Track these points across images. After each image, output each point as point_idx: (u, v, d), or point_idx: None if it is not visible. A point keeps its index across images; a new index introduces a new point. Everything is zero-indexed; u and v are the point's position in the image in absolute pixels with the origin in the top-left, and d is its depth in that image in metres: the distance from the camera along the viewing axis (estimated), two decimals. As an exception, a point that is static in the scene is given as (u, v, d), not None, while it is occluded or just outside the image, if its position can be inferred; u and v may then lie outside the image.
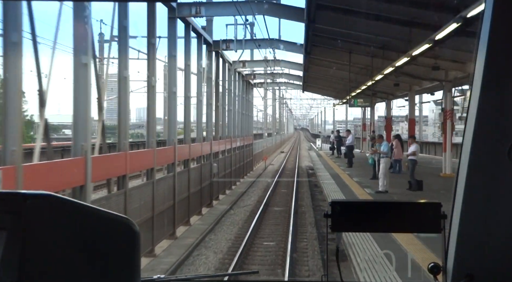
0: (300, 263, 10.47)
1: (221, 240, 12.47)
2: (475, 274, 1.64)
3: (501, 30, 1.53)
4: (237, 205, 17.91)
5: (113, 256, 1.12)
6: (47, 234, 1.09)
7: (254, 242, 12.16)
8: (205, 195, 16.89)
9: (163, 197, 12.05)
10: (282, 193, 20.88)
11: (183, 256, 10.67)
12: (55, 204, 1.11)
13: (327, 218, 1.67)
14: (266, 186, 22.67)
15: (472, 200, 1.65)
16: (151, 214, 10.93)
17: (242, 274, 4.30)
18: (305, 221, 14.69)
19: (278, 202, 18.49)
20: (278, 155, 49.61)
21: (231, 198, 19.51)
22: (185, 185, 14.26)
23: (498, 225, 1.63)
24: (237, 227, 14.08)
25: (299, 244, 11.96)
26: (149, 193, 11.06)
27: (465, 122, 1.66)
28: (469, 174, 1.63)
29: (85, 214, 1.13)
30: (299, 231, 13.25)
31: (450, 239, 1.71)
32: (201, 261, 10.59)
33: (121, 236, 1.13)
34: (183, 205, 13.82)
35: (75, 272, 1.09)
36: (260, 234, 13.11)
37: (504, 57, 1.54)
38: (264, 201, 17.72)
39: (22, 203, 1.10)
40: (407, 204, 1.76)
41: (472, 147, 1.62)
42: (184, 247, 11.55)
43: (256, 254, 11.24)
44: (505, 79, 1.56)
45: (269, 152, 44.66)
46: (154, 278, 1.86)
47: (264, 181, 25.19)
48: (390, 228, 1.83)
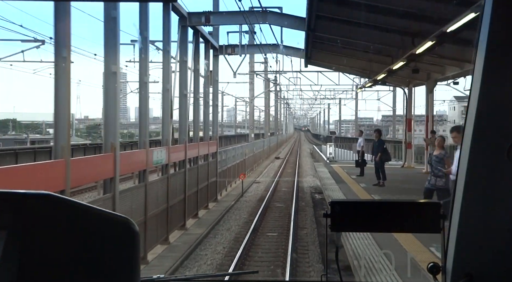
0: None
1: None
2: (475, 274, 1.64)
3: (500, 30, 1.53)
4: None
5: (112, 256, 1.12)
6: (47, 234, 1.09)
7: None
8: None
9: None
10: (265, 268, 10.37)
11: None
12: (55, 203, 1.12)
13: (326, 217, 1.68)
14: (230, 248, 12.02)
15: (472, 200, 1.65)
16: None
17: (242, 274, 4.30)
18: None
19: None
20: (272, 163, 37.85)
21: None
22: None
23: (498, 225, 1.63)
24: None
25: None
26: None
27: (465, 122, 1.66)
28: (469, 174, 1.63)
29: (85, 213, 1.13)
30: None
31: (449, 239, 1.71)
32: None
33: (120, 236, 1.13)
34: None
35: (74, 272, 1.09)
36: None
37: (504, 56, 1.54)
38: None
39: (22, 202, 1.10)
40: (406, 204, 1.76)
41: (472, 147, 1.62)
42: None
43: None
44: (505, 79, 1.56)
45: (257, 161, 33.14)
46: (153, 278, 1.87)
47: (228, 231, 13.81)
48: (390, 228, 1.83)
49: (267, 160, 39.53)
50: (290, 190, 21.72)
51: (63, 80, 7.69)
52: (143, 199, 10.64)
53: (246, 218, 15.64)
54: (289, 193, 20.94)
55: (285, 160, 40.61)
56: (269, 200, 19.10)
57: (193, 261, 11.12)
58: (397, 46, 15.56)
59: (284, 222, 14.93)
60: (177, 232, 13.20)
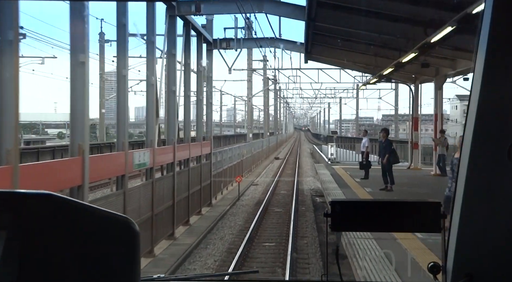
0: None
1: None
2: (475, 274, 1.64)
3: (501, 30, 1.53)
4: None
5: (113, 256, 1.12)
6: (47, 234, 1.10)
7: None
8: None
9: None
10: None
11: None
12: (55, 203, 1.12)
13: (327, 217, 1.68)
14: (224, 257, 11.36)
15: (472, 200, 1.65)
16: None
17: (242, 273, 4.30)
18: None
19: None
20: (271, 163, 36.73)
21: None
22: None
23: (498, 225, 1.63)
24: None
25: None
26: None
27: (465, 122, 1.66)
28: (469, 174, 1.63)
29: (85, 213, 1.13)
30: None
31: (450, 239, 1.71)
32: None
33: (121, 236, 1.13)
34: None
35: (74, 272, 1.09)
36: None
37: (504, 57, 1.54)
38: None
39: (22, 203, 1.10)
40: (407, 204, 1.76)
41: (472, 147, 1.62)
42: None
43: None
44: (505, 79, 1.56)
45: (256, 162, 32.37)
46: (154, 277, 1.87)
47: (221, 241, 12.83)
48: (390, 227, 1.83)
49: (266, 160, 38.03)
50: (289, 193, 20.45)
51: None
52: (122, 208, 9.34)
53: (242, 225, 14.57)
54: (289, 196, 19.75)
55: (284, 160, 38.84)
56: (267, 203, 17.86)
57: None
58: (407, 36, 14.21)
59: (283, 230, 13.81)
60: (165, 242, 12.03)
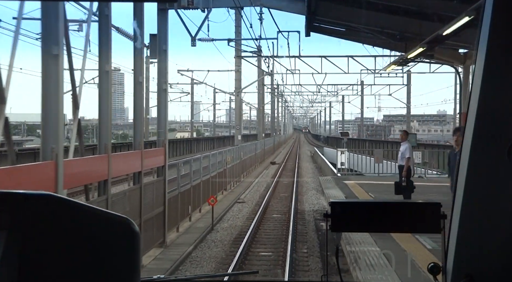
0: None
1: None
2: (475, 274, 1.64)
3: (501, 30, 1.53)
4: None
5: (112, 256, 1.12)
6: (46, 234, 1.10)
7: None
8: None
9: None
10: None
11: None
12: (55, 204, 1.12)
13: (326, 218, 1.68)
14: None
15: (472, 200, 1.65)
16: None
17: (242, 274, 4.30)
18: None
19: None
20: (266, 170, 31.22)
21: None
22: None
23: (498, 225, 1.63)
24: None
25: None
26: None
27: (465, 122, 1.66)
28: (469, 174, 1.63)
29: (85, 213, 1.13)
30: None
31: (450, 239, 1.71)
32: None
33: (120, 236, 1.13)
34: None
35: (74, 272, 1.09)
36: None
37: (505, 57, 1.54)
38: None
39: (22, 203, 1.10)
40: (406, 204, 1.76)
41: (472, 147, 1.62)
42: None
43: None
44: (505, 79, 1.56)
45: (246, 169, 27.54)
46: (154, 278, 1.87)
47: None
48: (390, 228, 1.83)
49: (261, 166, 32.89)
50: (284, 217, 14.94)
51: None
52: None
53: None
54: (284, 221, 14.26)
55: (282, 165, 33.87)
56: (251, 238, 11.91)
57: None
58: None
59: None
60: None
